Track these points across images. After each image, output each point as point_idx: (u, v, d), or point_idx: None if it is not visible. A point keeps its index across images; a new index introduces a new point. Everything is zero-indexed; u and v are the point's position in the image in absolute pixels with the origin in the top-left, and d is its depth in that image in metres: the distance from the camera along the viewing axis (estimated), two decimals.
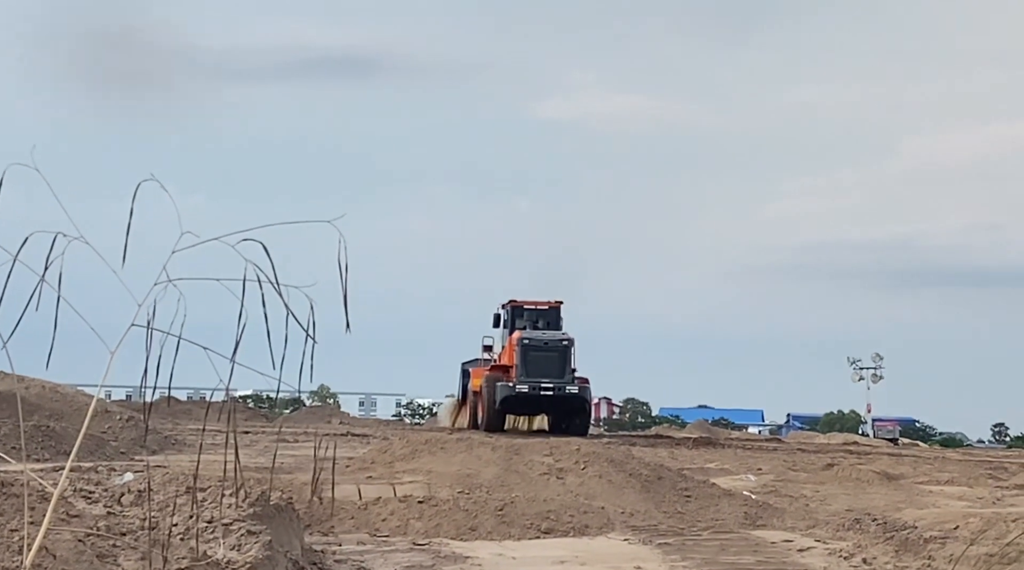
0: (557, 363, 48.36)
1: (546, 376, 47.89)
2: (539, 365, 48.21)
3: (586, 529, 17.65)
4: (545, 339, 48.95)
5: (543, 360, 48.29)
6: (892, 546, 15.00)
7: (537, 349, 48.60)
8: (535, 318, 50.81)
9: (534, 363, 48.27)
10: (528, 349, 48.60)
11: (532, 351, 48.52)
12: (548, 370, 48.07)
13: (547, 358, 48.41)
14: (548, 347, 48.63)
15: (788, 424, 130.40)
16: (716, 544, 15.64)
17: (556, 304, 51.69)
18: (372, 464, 23.06)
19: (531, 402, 48.95)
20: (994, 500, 26.85)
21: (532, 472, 21.54)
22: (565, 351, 48.74)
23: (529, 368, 48.17)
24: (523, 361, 48.40)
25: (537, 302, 51.68)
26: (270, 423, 57.05)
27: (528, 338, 48.99)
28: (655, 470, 23.03)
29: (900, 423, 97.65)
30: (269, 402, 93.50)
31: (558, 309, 51.53)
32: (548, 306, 51.47)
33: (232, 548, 8.98)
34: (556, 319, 51.13)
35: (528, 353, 48.50)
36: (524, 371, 48.17)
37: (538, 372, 48.02)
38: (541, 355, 48.43)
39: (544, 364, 48.23)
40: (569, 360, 48.62)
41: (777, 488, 28.21)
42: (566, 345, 48.86)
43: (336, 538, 15.66)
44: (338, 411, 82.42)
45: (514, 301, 51.75)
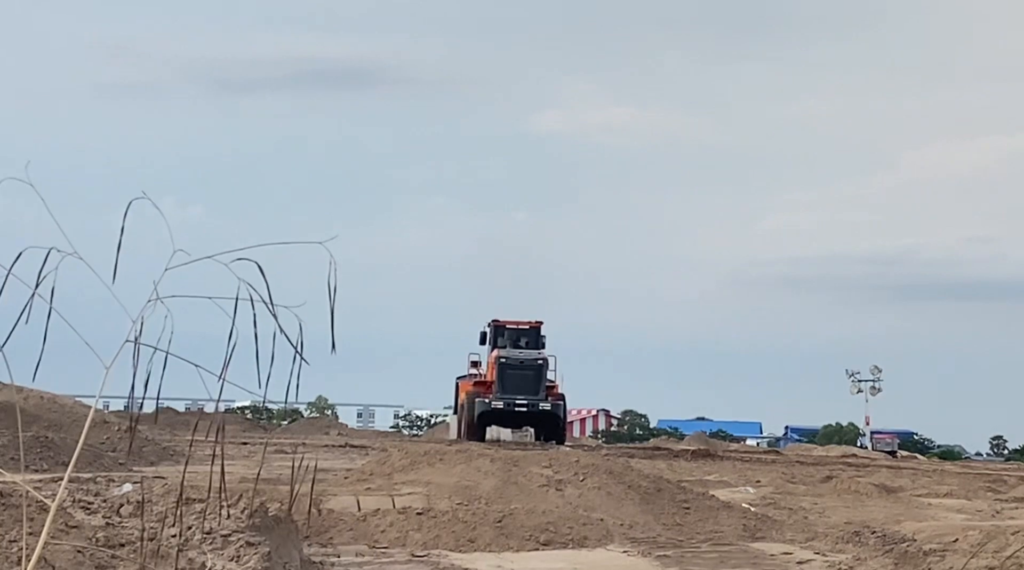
0: (532, 381, 51.88)
1: (521, 393, 51.40)
2: (515, 382, 51.74)
3: (585, 541, 17.62)
4: (521, 358, 52.49)
5: (519, 378, 51.81)
6: (891, 559, 14.97)
7: (513, 368, 52.05)
8: (516, 337, 54.21)
9: (510, 380, 51.78)
10: (505, 367, 52.01)
11: (509, 369, 52.08)
12: (524, 387, 51.64)
13: (523, 376, 51.91)
14: (524, 366, 52.13)
15: (786, 436, 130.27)
16: (715, 556, 15.62)
17: (536, 324, 54.96)
18: (371, 475, 23.04)
19: (507, 417, 52.27)
20: (993, 513, 26.84)
21: (531, 484, 21.52)
22: (540, 370, 52.28)
23: (506, 385, 51.65)
24: (500, 378, 51.90)
25: (518, 322, 55.03)
26: (268, 433, 57.05)
27: (505, 357, 52.34)
28: (654, 482, 23.01)
29: (898, 436, 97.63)
30: (268, 414, 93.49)
31: (538, 329, 54.76)
32: (528, 326, 54.82)
33: (231, 559, 8.97)
34: (536, 338, 54.39)
35: (505, 371, 51.94)
36: (501, 388, 51.65)
37: (514, 389, 51.51)
38: (517, 373, 51.92)
39: (520, 382, 51.78)
40: (543, 378, 52.16)
41: (776, 500, 28.20)
42: (541, 364, 52.42)
43: (335, 550, 15.65)
44: (336, 422, 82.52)
45: (496, 321, 55.00)
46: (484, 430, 52.06)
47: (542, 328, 55.01)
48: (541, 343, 54.36)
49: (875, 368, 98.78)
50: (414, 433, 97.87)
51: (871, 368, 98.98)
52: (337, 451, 40.13)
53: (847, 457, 59.47)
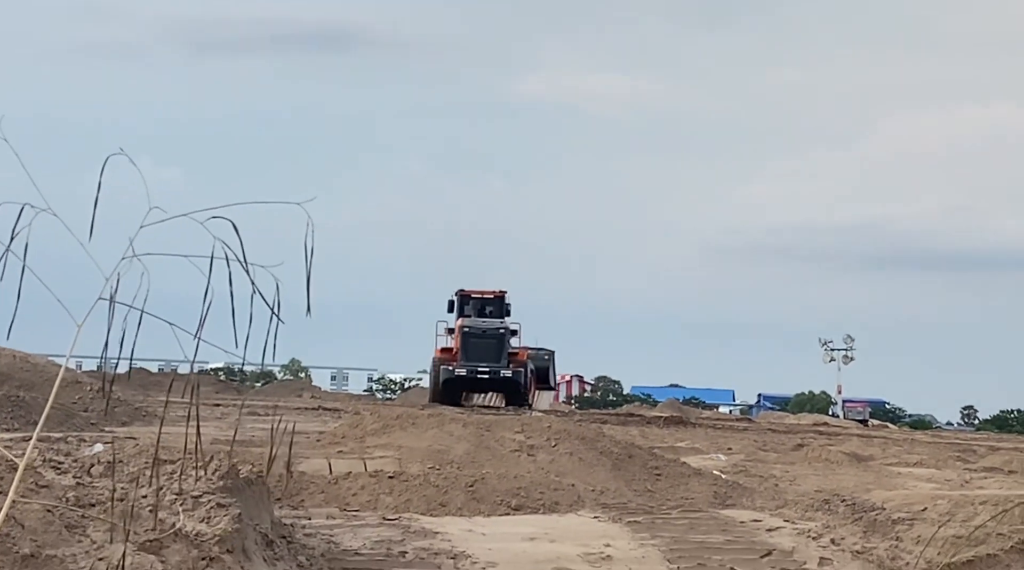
0: (494, 349, 53.53)
1: (484, 361, 53.14)
2: (478, 350, 53.50)
3: (556, 506, 17.65)
4: (484, 327, 54.26)
5: (481, 346, 53.56)
6: (860, 527, 15.03)
7: (476, 336, 53.94)
8: (481, 305, 55.86)
9: (473, 349, 53.61)
10: (468, 336, 54.00)
11: (472, 338, 53.91)
12: (486, 355, 53.32)
13: (485, 344, 53.63)
14: (486, 335, 53.91)
15: (759, 404, 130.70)
16: (685, 523, 15.67)
17: (500, 293, 56.51)
18: (343, 439, 23.04)
19: (469, 384, 54.33)
20: (962, 482, 26.97)
21: (503, 449, 21.55)
22: (502, 338, 53.94)
23: (468, 353, 53.55)
24: (463, 347, 53.80)
25: (483, 291, 56.70)
26: (241, 396, 56.99)
27: (468, 326, 54.45)
28: (626, 448, 23.06)
29: (870, 404, 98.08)
30: (240, 375, 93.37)
31: (502, 298, 56.22)
32: (493, 295, 56.41)
33: (201, 520, 8.95)
34: (500, 306, 55.86)
35: (468, 340, 53.90)
36: (464, 355, 53.59)
37: (476, 357, 53.35)
38: (480, 341, 53.72)
39: (482, 350, 53.47)
40: (505, 346, 53.75)
41: (747, 468, 28.29)
42: (503, 333, 54.09)
43: (306, 512, 15.65)
44: (309, 385, 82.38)
45: (462, 290, 56.64)
46: (450, 396, 53.23)
47: (506, 297, 56.46)
48: (506, 312, 55.82)
49: (848, 337, 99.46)
50: (387, 397, 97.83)
51: (844, 337, 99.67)
52: (310, 414, 40.05)
53: (819, 425, 59.63)
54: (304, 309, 5.28)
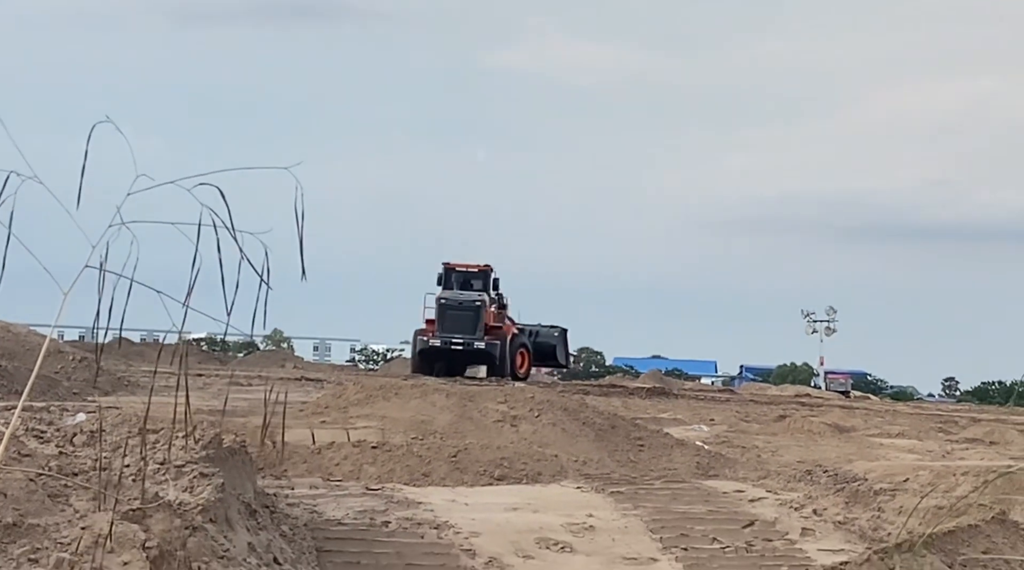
0: (470, 321, 54.20)
1: (459, 332, 53.95)
2: (453, 322, 54.34)
3: (539, 476, 17.67)
4: (460, 299, 54.99)
5: (456, 318, 54.34)
6: (842, 498, 15.08)
7: (452, 308, 54.65)
8: (465, 279, 56.48)
9: (449, 320, 54.39)
10: (444, 308, 54.76)
11: (448, 310, 54.68)
12: (461, 327, 54.12)
13: (460, 316, 54.41)
14: (462, 307, 54.67)
15: (741, 376, 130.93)
16: (668, 493, 15.69)
17: (485, 267, 57.16)
18: (326, 409, 23.05)
19: (444, 355, 54.66)
20: (943, 453, 27.07)
21: (486, 419, 21.58)
22: (477, 310, 54.46)
23: (444, 325, 54.35)
24: (439, 318, 54.60)
25: (468, 265, 57.29)
26: (224, 366, 56.95)
27: (444, 298, 55.17)
28: (609, 419, 23.10)
29: (852, 376, 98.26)
30: (223, 345, 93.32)
31: (487, 271, 56.94)
32: (478, 269, 57.04)
33: (184, 490, 8.95)
34: (485, 280, 56.53)
35: (444, 312, 54.67)
36: (440, 327, 54.38)
37: (451, 328, 54.14)
38: (455, 313, 54.55)
39: (457, 321, 54.29)
40: (481, 318, 54.26)
41: (729, 439, 28.37)
42: (478, 305, 54.55)
43: (289, 482, 15.64)
44: (292, 356, 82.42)
45: (447, 263, 57.26)
46: (427, 366, 54.15)
47: (493, 272, 57.14)
48: (493, 285, 56.49)
49: (830, 309, 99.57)
50: (370, 367, 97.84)
51: (826, 309, 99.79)
52: (293, 384, 40.04)
53: (801, 397, 59.71)
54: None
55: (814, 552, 13.16)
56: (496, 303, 56.60)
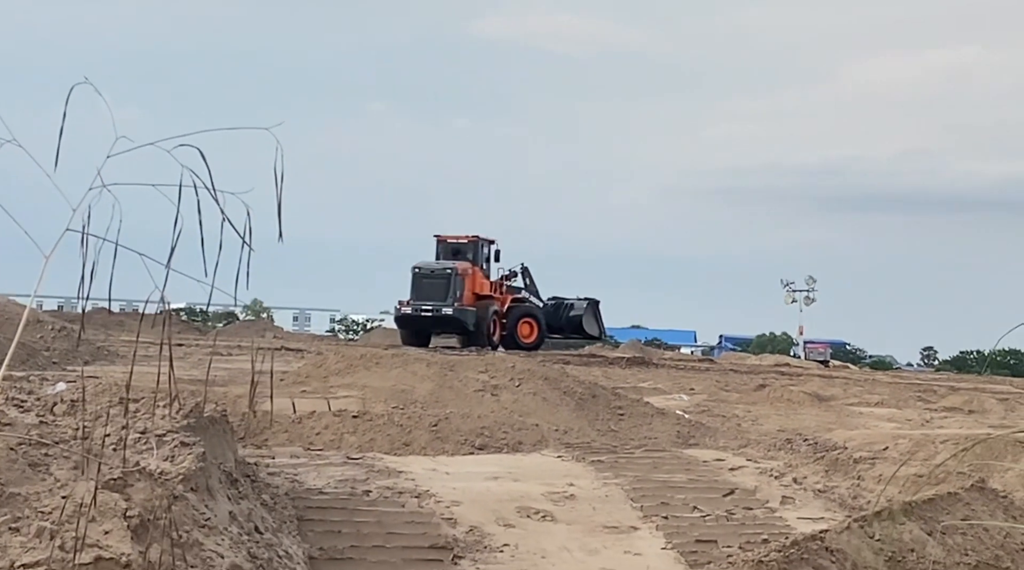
0: (441, 288, 55.48)
1: (430, 300, 55.39)
2: (424, 290, 55.95)
3: (520, 445, 17.71)
4: (432, 268, 56.63)
5: (429, 286, 55.79)
6: (822, 466, 15.14)
7: (425, 277, 56.36)
8: (454, 250, 58.05)
9: (422, 289, 56.06)
10: (417, 276, 56.59)
11: (421, 278, 56.37)
12: (432, 294, 55.49)
13: (432, 284, 55.73)
14: (434, 275, 56.35)
15: (721, 345, 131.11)
16: (648, 462, 15.73)
17: (473, 238, 58.57)
18: (307, 378, 23.04)
19: (417, 322, 56.55)
20: (923, 422, 27.17)
21: (467, 388, 21.59)
22: (448, 278, 55.66)
23: (417, 293, 56.13)
24: (413, 287, 56.44)
25: (458, 236, 58.78)
26: (203, 336, 56.92)
27: (419, 267, 57.01)
28: (589, 388, 23.13)
29: (831, 345, 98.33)
30: (203, 315, 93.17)
31: (476, 242, 58.38)
32: (467, 240, 58.42)
33: (165, 459, 8.94)
34: (475, 251, 58.07)
35: (417, 280, 56.48)
36: (413, 295, 56.17)
37: (423, 296, 55.77)
38: (427, 282, 56.09)
39: (429, 289, 55.74)
40: (453, 286, 55.39)
41: (709, 408, 28.44)
42: (449, 273, 55.84)
43: (270, 451, 15.65)
44: (272, 325, 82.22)
45: (438, 236, 59.14)
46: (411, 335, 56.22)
47: (485, 243, 58.61)
48: (481, 256, 57.98)
49: (810, 278, 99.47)
50: (350, 337, 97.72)
51: (806, 278, 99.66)
52: (273, 354, 40.02)
53: (780, 366, 59.85)
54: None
55: (794, 520, 13.20)
56: (484, 272, 57.90)
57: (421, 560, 11.34)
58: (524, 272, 60.80)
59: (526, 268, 60.83)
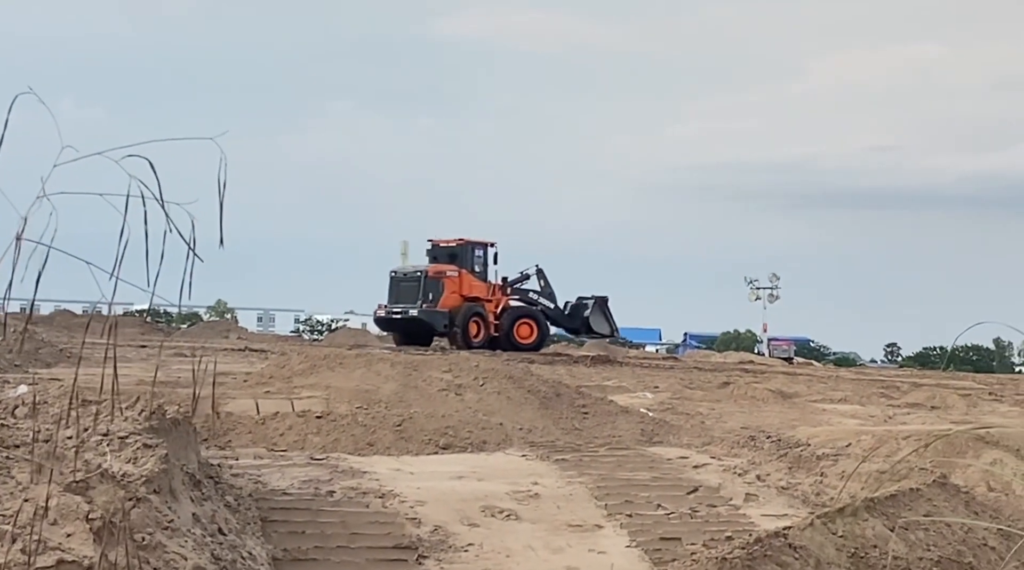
0: (411, 291, 56.51)
1: (402, 302, 56.50)
2: (397, 292, 57.20)
3: (484, 445, 17.71)
4: (405, 271, 57.75)
5: (402, 289, 57.15)
6: (785, 463, 15.18)
7: (399, 280, 57.63)
8: (447, 254, 58.42)
9: (395, 291, 57.33)
10: (393, 281, 57.86)
11: (397, 282, 57.61)
12: (405, 297, 56.53)
13: (405, 287, 56.89)
14: (407, 278, 57.41)
15: (685, 343, 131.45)
16: (613, 460, 15.75)
17: (462, 242, 58.82)
18: (270, 379, 22.97)
19: (390, 324, 58.15)
20: (886, 418, 27.26)
21: (431, 388, 21.57)
22: (419, 280, 56.64)
23: (391, 296, 57.38)
24: (389, 290, 57.75)
25: (448, 240, 59.17)
26: (167, 337, 56.75)
27: (395, 271, 58.30)
28: (553, 387, 23.13)
29: (795, 342, 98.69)
30: (166, 317, 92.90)
31: (464, 246, 58.58)
32: (456, 243, 58.74)
33: (128, 461, 8.91)
34: (463, 253, 58.22)
35: (393, 284, 57.76)
36: (388, 297, 57.44)
37: (395, 298, 57.09)
38: (401, 285, 57.30)
39: (402, 292, 56.88)
40: (424, 289, 56.19)
41: (673, 406, 28.47)
42: (419, 276, 56.79)
43: (233, 452, 15.60)
44: (236, 326, 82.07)
45: (431, 239, 59.86)
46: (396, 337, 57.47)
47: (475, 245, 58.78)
48: (472, 258, 58.24)
49: (773, 276, 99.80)
50: (315, 338, 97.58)
51: (770, 276, 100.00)
52: (237, 355, 39.93)
53: (744, 363, 60.02)
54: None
55: (757, 517, 13.24)
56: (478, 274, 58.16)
57: (385, 560, 11.33)
58: (539, 273, 60.91)
59: (540, 270, 60.92)
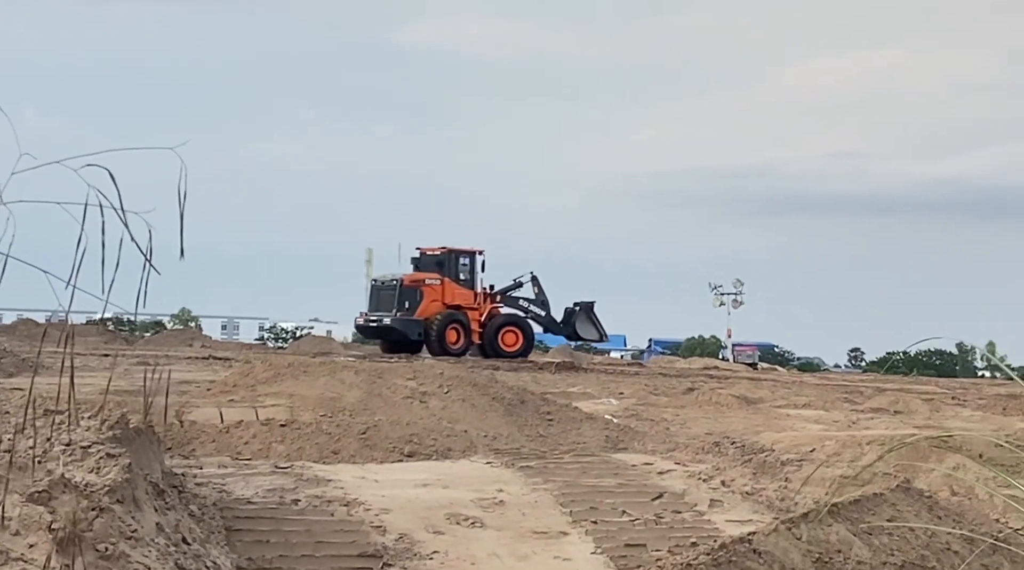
0: (387, 299, 57.33)
1: (379, 310, 57.48)
2: (376, 301, 58.12)
3: (449, 452, 17.69)
4: (384, 280, 58.51)
5: (381, 297, 57.90)
6: (750, 469, 15.22)
7: (378, 288, 58.44)
8: (435, 262, 58.63)
9: (375, 300, 58.23)
10: (373, 289, 58.83)
11: (376, 291, 58.51)
12: (384, 305, 57.35)
13: (384, 296, 57.71)
14: (384, 286, 58.11)
15: (650, 349, 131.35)
16: (578, 467, 15.76)
17: (445, 250, 59.12)
18: (234, 387, 22.89)
19: (369, 331, 59.80)
20: (849, 423, 27.34)
21: (395, 396, 21.54)
22: (394, 289, 57.31)
23: (372, 304, 58.39)
24: (369, 298, 58.89)
25: (434, 248, 59.52)
26: (130, 346, 56.55)
27: (375, 279, 59.48)
28: (518, 394, 23.13)
29: (759, 348, 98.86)
30: (130, 325, 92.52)
31: (449, 254, 58.92)
32: (440, 251, 59.11)
33: (91, 471, 8.87)
34: (448, 261, 58.62)
35: (373, 292, 58.70)
36: (368, 306, 58.47)
37: (374, 307, 58.06)
38: (380, 293, 58.06)
39: (381, 300, 57.71)
40: (400, 297, 56.92)
41: (638, 412, 28.49)
42: (394, 285, 57.50)
43: (197, 461, 15.56)
44: (200, 334, 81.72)
45: (420, 247, 60.34)
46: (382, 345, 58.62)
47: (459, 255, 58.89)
48: (455, 266, 58.39)
49: (737, 281, 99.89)
50: (279, 346, 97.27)
51: (733, 281, 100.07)
52: (201, 363, 39.80)
53: (709, 369, 60.12)
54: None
55: (722, 523, 13.27)
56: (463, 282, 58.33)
57: (351, 569, 11.32)
58: (533, 280, 60.94)
59: (535, 277, 60.90)
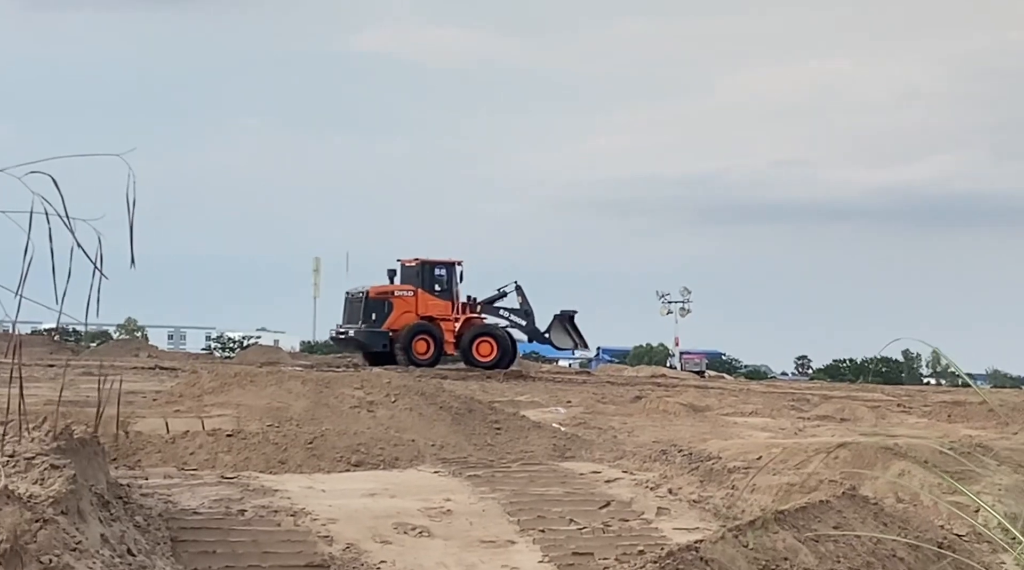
0: (358, 311, 57.74)
1: (350, 323, 58.07)
2: (349, 313, 58.66)
3: (396, 462, 17.66)
4: (353, 292, 59.26)
5: (351, 308, 58.70)
6: (697, 476, 15.26)
7: (349, 300, 59.15)
8: (413, 273, 58.84)
9: (347, 311, 58.88)
10: (346, 301, 59.35)
11: (348, 302, 59.16)
12: (353, 316, 58.00)
13: (352, 307, 58.66)
14: (354, 298, 58.84)
15: (598, 357, 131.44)
16: (525, 476, 15.76)
17: (417, 261, 59.23)
18: (180, 398, 22.76)
19: (340, 342, 60.63)
20: (796, 431, 27.46)
21: (342, 405, 21.47)
22: (360, 301, 57.92)
23: (344, 315, 59.07)
24: (342, 309, 59.54)
25: (410, 260, 59.60)
26: (76, 356, 56.15)
27: (348, 291, 59.78)
28: (466, 403, 23.10)
29: (707, 356, 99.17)
30: (75, 335, 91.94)
31: (423, 265, 58.97)
32: (414, 263, 59.29)
33: (35, 482, 8.82)
34: (423, 272, 58.61)
35: (346, 304, 59.26)
36: (343, 318, 59.05)
37: (347, 318, 58.73)
38: (351, 305, 58.73)
39: (352, 311, 58.41)
40: (367, 309, 57.32)
41: (586, 420, 28.54)
42: (361, 296, 58.09)
43: (143, 472, 15.47)
44: (146, 344, 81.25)
45: (400, 259, 60.51)
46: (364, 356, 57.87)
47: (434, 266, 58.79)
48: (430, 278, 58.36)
49: (685, 289, 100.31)
50: (226, 355, 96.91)
51: (681, 289, 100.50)
52: (147, 373, 39.57)
53: (657, 377, 60.21)
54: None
55: (670, 531, 13.30)
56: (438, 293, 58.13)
57: None
58: (517, 290, 60.59)
59: (519, 287, 60.52)
